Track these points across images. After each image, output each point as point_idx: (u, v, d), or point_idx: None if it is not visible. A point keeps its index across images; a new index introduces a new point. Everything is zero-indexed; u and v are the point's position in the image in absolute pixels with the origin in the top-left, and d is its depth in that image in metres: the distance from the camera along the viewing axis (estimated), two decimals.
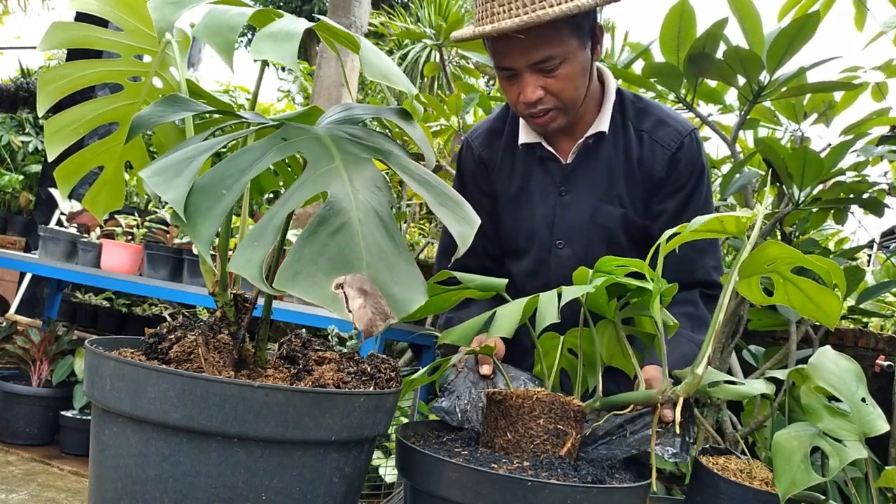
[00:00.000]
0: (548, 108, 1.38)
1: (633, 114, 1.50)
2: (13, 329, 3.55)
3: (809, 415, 0.99)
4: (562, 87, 1.36)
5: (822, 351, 1.07)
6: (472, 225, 0.80)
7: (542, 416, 0.92)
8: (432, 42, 2.90)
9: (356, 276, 0.66)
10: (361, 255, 0.68)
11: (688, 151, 1.47)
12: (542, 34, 1.29)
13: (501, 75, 1.40)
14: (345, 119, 0.90)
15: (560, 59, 1.33)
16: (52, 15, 9.74)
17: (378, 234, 0.71)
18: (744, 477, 1.05)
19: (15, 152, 6.41)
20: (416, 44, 7.92)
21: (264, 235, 0.69)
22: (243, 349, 0.89)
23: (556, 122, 1.41)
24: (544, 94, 1.36)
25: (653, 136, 1.48)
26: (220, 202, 0.71)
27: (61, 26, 1.06)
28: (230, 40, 0.76)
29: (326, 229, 0.69)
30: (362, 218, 0.71)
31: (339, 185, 0.74)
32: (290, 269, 0.66)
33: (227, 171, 0.74)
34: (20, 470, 2.97)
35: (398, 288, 0.68)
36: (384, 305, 0.66)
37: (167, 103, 0.84)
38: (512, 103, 1.43)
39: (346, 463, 0.84)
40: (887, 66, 2.20)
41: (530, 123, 1.45)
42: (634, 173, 1.48)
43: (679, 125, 1.49)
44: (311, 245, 0.68)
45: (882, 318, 3.13)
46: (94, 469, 0.83)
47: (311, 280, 0.65)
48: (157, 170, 0.72)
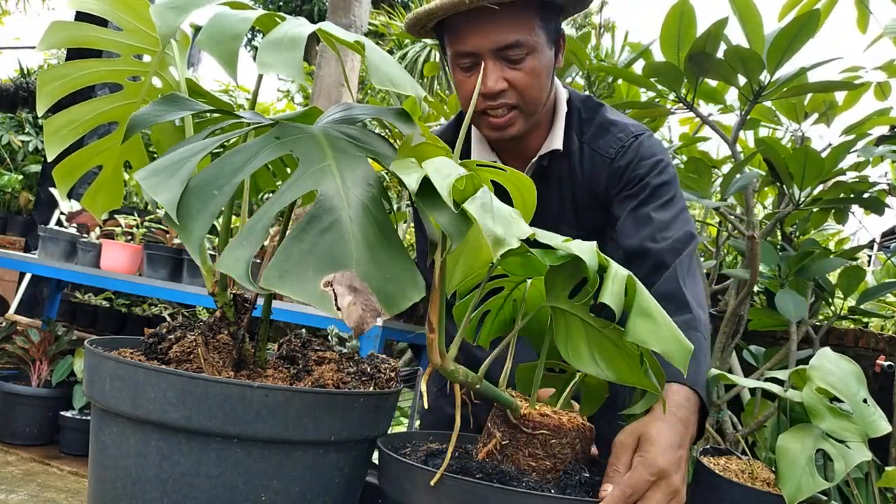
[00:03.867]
0: (509, 104, 1.27)
1: (577, 124, 1.39)
2: (13, 329, 3.55)
3: (812, 415, 0.99)
4: (527, 82, 1.26)
5: (823, 352, 1.07)
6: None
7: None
8: (432, 42, 2.90)
9: (345, 274, 0.66)
10: (351, 252, 0.68)
11: (628, 157, 1.32)
12: (512, 17, 1.22)
13: (459, 64, 1.29)
14: (343, 119, 0.90)
15: (528, 50, 1.24)
16: (52, 15, 9.74)
17: (369, 232, 0.71)
18: (745, 477, 1.05)
19: (15, 152, 6.41)
20: (415, 44, 7.93)
21: (252, 234, 0.69)
22: (243, 349, 0.89)
23: (513, 128, 1.29)
24: (507, 87, 1.26)
25: (592, 146, 1.36)
26: (211, 203, 0.71)
27: (60, 26, 1.06)
28: (233, 50, 0.75)
29: (316, 227, 0.69)
30: (353, 216, 0.71)
31: (331, 182, 0.73)
32: (278, 268, 0.66)
33: (218, 172, 0.73)
34: (20, 470, 2.97)
35: (390, 285, 0.68)
36: (374, 302, 0.66)
37: (165, 102, 0.84)
38: (466, 99, 1.31)
39: (346, 463, 0.84)
40: (889, 66, 2.20)
41: (484, 128, 1.32)
42: (582, 191, 1.37)
43: (621, 130, 1.35)
44: (301, 243, 0.67)
45: (882, 319, 3.13)
46: (93, 469, 0.83)
47: (299, 278, 0.65)
48: (152, 171, 0.72)
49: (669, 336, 0.78)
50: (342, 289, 0.65)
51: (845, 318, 2.46)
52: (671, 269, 1.20)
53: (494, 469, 0.84)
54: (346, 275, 0.66)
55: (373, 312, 0.65)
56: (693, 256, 1.24)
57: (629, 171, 1.32)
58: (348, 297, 0.65)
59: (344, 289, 0.65)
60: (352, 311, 0.64)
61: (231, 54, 0.75)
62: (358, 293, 0.65)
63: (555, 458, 0.85)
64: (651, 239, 1.25)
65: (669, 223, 1.26)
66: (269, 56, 0.74)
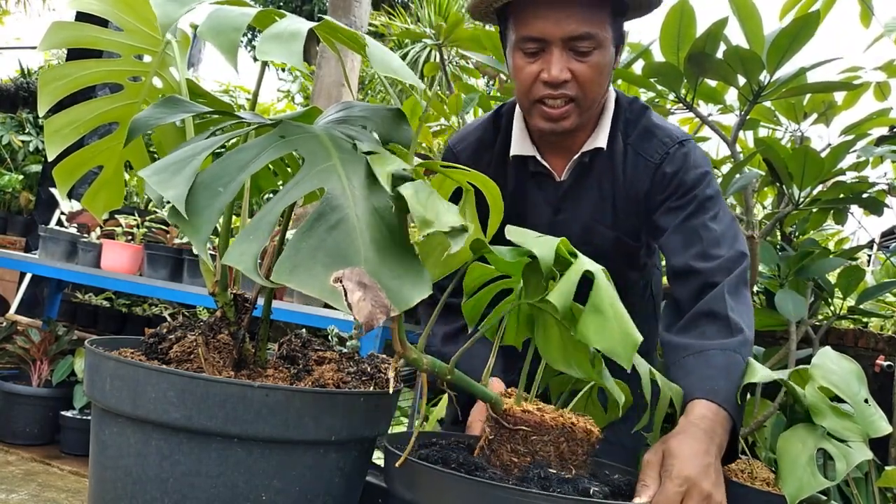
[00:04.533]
0: (569, 95, 1.25)
1: (623, 125, 1.38)
2: (13, 329, 3.55)
3: (815, 413, 0.99)
4: (590, 76, 1.24)
5: (824, 352, 1.07)
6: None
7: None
8: (432, 42, 2.90)
9: (354, 270, 0.66)
10: (359, 249, 0.68)
11: (675, 164, 1.31)
12: (586, 9, 1.21)
13: (524, 49, 1.26)
14: (342, 119, 0.90)
15: (596, 45, 1.23)
16: (53, 15, 9.74)
17: (376, 230, 0.71)
18: (745, 477, 1.05)
19: (15, 152, 6.40)
20: (415, 44, 7.93)
21: (259, 230, 0.70)
22: (243, 349, 0.89)
23: (567, 121, 1.28)
24: (570, 78, 1.24)
25: (637, 149, 1.35)
26: (217, 200, 0.71)
27: (61, 26, 1.06)
28: (234, 40, 0.76)
29: (323, 225, 0.69)
30: (360, 214, 0.71)
31: (336, 181, 0.74)
32: (287, 263, 0.66)
33: (223, 170, 0.74)
34: (20, 470, 2.97)
35: (398, 282, 0.68)
36: (384, 298, 0.66)
37: (166, 105, 0.84)
38: (525, 85, 1.28)
39: (346, 463, 0.84)
40: (888, 66, 2.20)
41: (536, 117, 1.30)
42: (621, 192, 1.36)
43: (665, 135, 1.35)
44: (309, 239, 0.68)
45: (882, 319, 3.13)
46: (93, 469, 0.83)
47: (309, 273, 0.66)
48: (157, 169, 0.72)
49: (616, 333, 0.78)
50: (351, 285, 0.65)
51: (845, 317, 2.46)
52: (719, 288, 1.19)
53: (466, 460, 0.85)
54: (354, 271, 0.66)
55: (382, 308, 0.66)
56: (743, 276, 1.22)
57: (676, 178, 1.30)
58: (358, 293, 0.65)
59: (353, 285, 0.65)
60: (362, 307, 0.65)
61: (232, 44, 0.75)
62: (367, 289, 0.66)
63: (535, 455, 0.86)
64: (701, 257, 1.23)
65: (720, 240, 1.24)
66: (269, 45, 0.74)
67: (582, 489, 0.79)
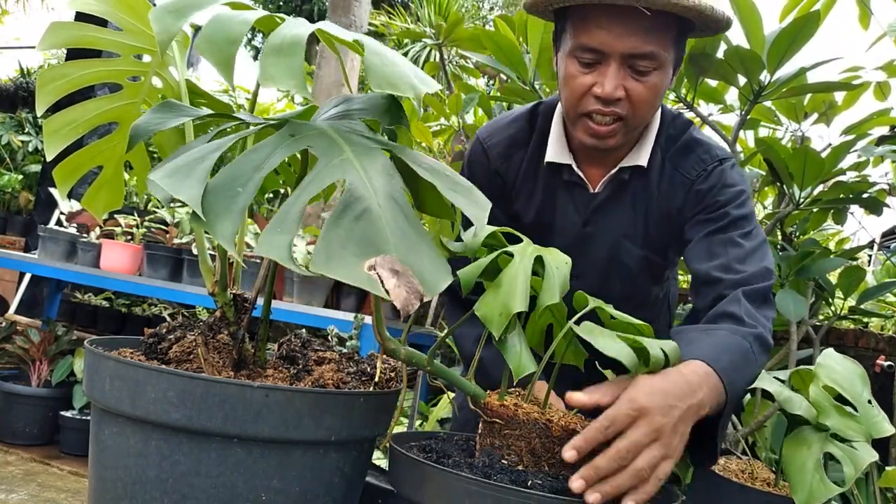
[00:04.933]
0: (619, 114, 1.19)
1: (664, 140, 1.31)
2: (13, 329, 3.55)
3: (819, 412, 0.98)
4: (644, 97, 1.18)
5: (827, 353, 1.07)
6: (484, 209, 0.81)
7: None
8: (432, 42, 2.90)
9: (386, 258, 0.68)
10: (388, 237, 0.70)
11: (710, 181, 1.26)
12: (653, 26, 1.14)
13: (580, 58, 1.19)
14: (342, 114, 0.91)
15: (657, 65, 1.17)
16: (52, 15, 9.73)
17: (399, 219, 0.73)
18: (745, 477, 1.05)
19: (15, 152, 6.40)
20: (415, 43, 7.92)
21: (286, 223, 0.71)
22: (243, 349, 0.89)
23: (613, 140, 1.22)
24: (624, 97, 1.18)
25: (674, 164, 1.30)
26: (237, 200, 0.72)
27: (60, 26, 1.06)
28: (230, 55, 0.76)
29: (350, 214, 0.71)
30: (382, 203, 0.73)
31: (354, 173, 0.75)
32: (322, 254, 0.68)
33: (239, 171, 0.75)
34: (20, 470, 2.97)
35: (425, 269, 0.70)
36: (416, 284, 0.68)
37: (164, 110, 0.85)
38: (574, 96, 1.21)
39: (346, 463, 0.84)
40: (889, 66, 2.20)
41: (580, 131, 1.23)
42: (655, 209, 1.31)
43: (705, 152, 1.29)
44: (338, 230, 0.69)
45: (882, 319, 3.13)
46: (93, 469, 0.83)
47: (343, 262, 0.67)
48: (168, 172, 0.73)
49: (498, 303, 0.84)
50: (385, 272, 0.67)
51: (845, 318, 2.46)
52: (735, 294, 1.14)
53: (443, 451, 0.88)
54: (386, 258, 0.68)
55: (416, 294, 0.67)
56: (765, 292, 1.17)
57: (710, 196, 1.26)
58: (393, 280, 0.67)
59: (387, 272, 0.67)
60: (399, 293, 0.66)
61: (228, 59, 0.76)
62: (400, 276, 0.67)
63: (509, 448, 0.87)
64: (724, 269, 1.18)
65: (746, 256, 1.20)
66: (271, 66, 0.74)
67: (520, 482, 0.80)
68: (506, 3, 12.99)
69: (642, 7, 1.10)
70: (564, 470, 0.86)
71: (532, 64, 2.22)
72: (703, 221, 1.25)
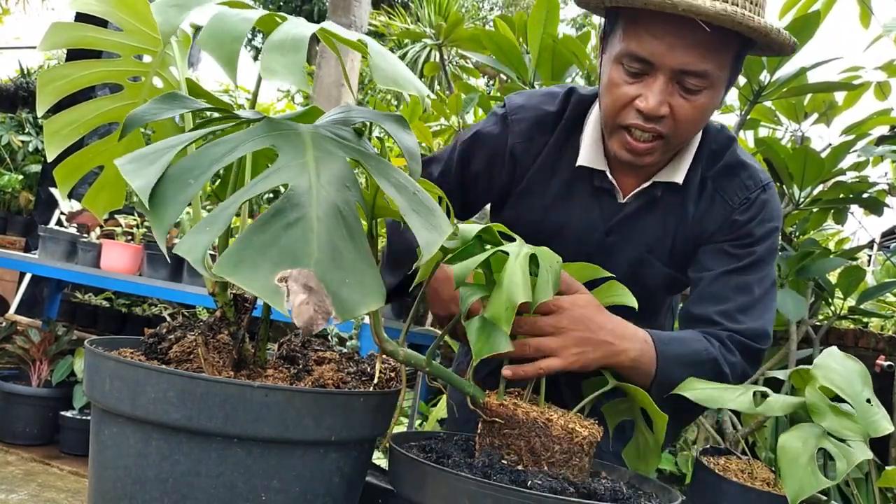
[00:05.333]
0: (660, 132, 1.10)
1: (705, 156, 1.22)
2: (13, 329, 3.55)
3: (814, 413, 0.99)
4: (690, 117, 1.09)
5: (829, 351, 1.07)
6: (442, 234, 0.77)
7: None
8: (432, 42, 2.90)
9: (302, 272, 0.65)
10: (312, 251, 0.66)
11: (751, 212, 1.19)
12: (712, 43, 1.04)
13: (626, 66, 1.09)
14: (339, 120, 0.90)
15: (708, 85, 1.08)
16: (52, 15, 9.74)
17: (336, 234, 0.70)
18: (745, 477, 1.05)
19: (15, 152, 6.41)
20: (415, 43, 7.93)
21: (216, 222, 0.69)
22: (243, 349, 0.89)
23: (650, 157, 1.14)
24: (668, 115, 1.09)
25: (716, 185, 1.21)
26: (185, 192, 0.70)
27: (61, 26, 1.06)
28: (234, 52, 0.75)
29: (280, 221, 0.68)
30: (321, 215, 0.70)
31: (304, 179, 0.72)
32: (234, 256, 0.65)
33: (197, 162, 0.73)
34: (20, 470, 2.97)
35: (347, 289, 0.67)
36: (328, 305, 0.64)
37: (163, 100, 0.84)
38: (614, 106, 1.12)
39: (346, 463, 0.84)
40: (888, 65, 2.20)
41: (616, 143, 1.15)
42: (686, 229, 1.23)
43: (749, 177, 1.21)
44: (263, 235, 0.67)
45: (882, 319, 3.13)
46: (93, 469, 0.83)
47: (254, 269, 0.64)
48: (133, 158, 0.72)
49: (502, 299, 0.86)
50: (297, 286, 0.64)
51: (845, 318, 2.47)
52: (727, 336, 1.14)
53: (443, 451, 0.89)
54: (303, 272, 0.64)
55: (324, 314, 0.64)
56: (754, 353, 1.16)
57: (746, 227, 1.20)
58: (301, 296, 0.63)
59: (298, 286, 0.64)
60: (303, 311, 0.63)
61: (232, 56, 0.75)
62: (312, 293, 0.64)
63: (508, 447, 0.87)
64: (726, 316, 1.15)
65: (751, 307, 1.16)
66: (273, 62, 0.74)
67: (520, 481, 0.80)
68: (506, 3, 12.99)
69: (702, 21, 1.00)
70: (564, 469, 0.86)
71: (532, 64, 2.22)
72: (727, 254, 1.20)
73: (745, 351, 1.15)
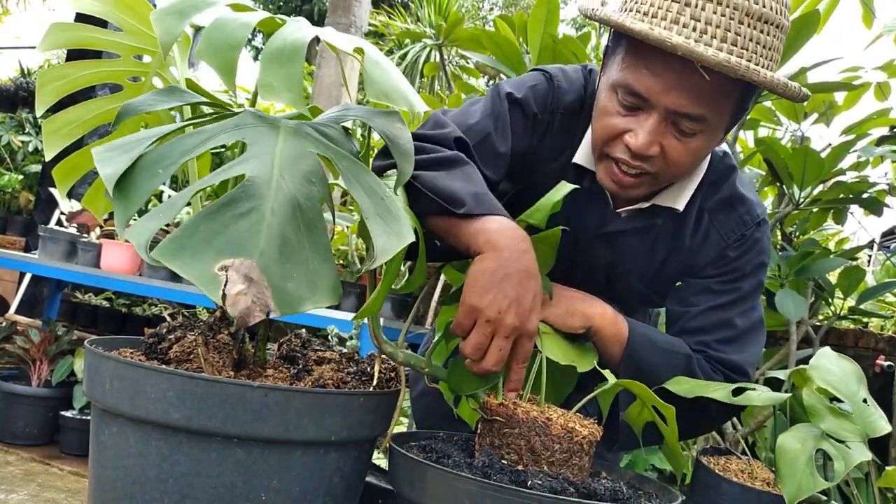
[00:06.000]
0: (648, 171, 1.05)
1: (707, 184, 1.18)
2: (13, 329, 3.55)
3: (812, 415, 0.99)
4: (681, 159, 1.04)
5: (823, 352, 1.07)
6: (401, 242, 0.76)
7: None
8: (432, 42, 2.90)
9: (245, 262, 0.64)
10: (259, 242, 0.66)
11: (743, 250, 1.17)
12: (712, 86, 0.98)
13: (620, 99, 1.04)
14: (334, 119, 0.90)
15: (705, 129, 1.02)
16: (53, 15, 9.74)
17: (290, 227, 0.69)
18: (745, 477, 1.04)
19: (15, 152, 6.40)
20: (415, 44, 7.93)
21: (167, 209, 0.69)
22: (243, 349, 0.89)
23: (636, 191, 1.09)
24: (657, 154, 1.03)
25: (713, 219, 1.18)
26: (151, 181, 0.70)
27: (61, 27, 1.06)
28: (231, 60, 0.75)
29: (232, 211, 0.67)
30: (276, 207, 0.69)
31: (265, 170, 0.72)
32: (176, 242, 0.64)
33: (169, 152, 0.73)
34: (20, 470, 2.97)
35: (293, 284, 0.66)
36: (267, 297, 0.63)
37: (161, 93, 0.84)
38: (603, 135, 1.07)
39: (346, 463, 0.84)
40: (889, 66, 2.20)
41: (602, 172, 1.11)
42: (678, 257, 1.20)
43: (747, 212, 1.17)
44: (211, 223, 0.66)
45: (882, 319, 3.13)
46: (93, 469, 0.83)
47: (195, 257, 0.63)
48: (109, 147, 0.73)
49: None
50: (236, 276, 0.63)
51: (845, 318, 2.47)
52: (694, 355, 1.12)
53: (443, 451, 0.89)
54: (245, 263, 0.64)
55: (262, 307, 0.63)
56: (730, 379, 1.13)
57: (735, 262, 1.17)
58: (239, 286, 0.62)
59: (238, 276, 0.63)
60: (238, 301, 0.62)
61: (229, 64, 0.75)
62: (252, 284, 0.63)
63: (508, 447, 0.87)
64: (706, 346, 1.14)
65: (733, 340, 1.15)
66: (270, 75, 0.74)
67: (520, 481, 0.80)
68: (506, 4, 12.99)
69: (701, 69, 0.94)
70: (564, 469, 0.86)
71: (532, 64, 2.22)
72: (712, 291, 1.17)
73: (725, 378, 1.13)
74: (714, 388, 1.02)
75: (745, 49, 0.97)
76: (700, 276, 1.19)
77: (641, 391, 0.96)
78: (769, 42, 0.99)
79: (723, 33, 0.96)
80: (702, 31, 0.96)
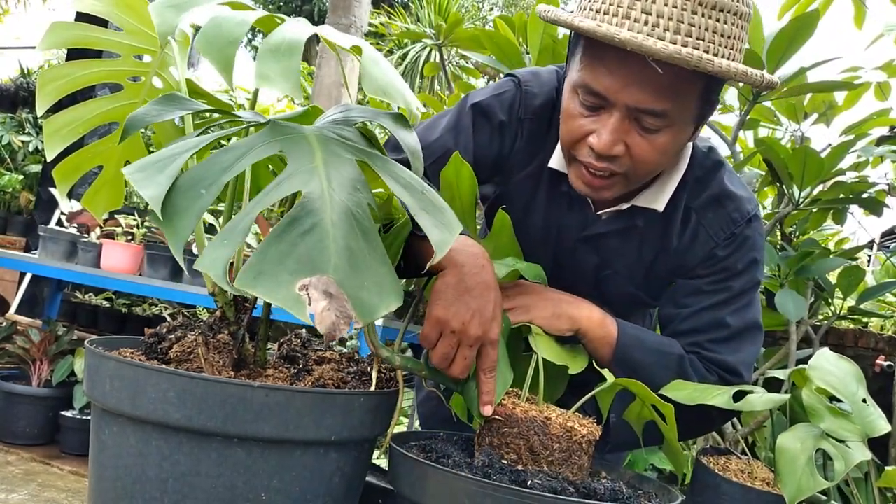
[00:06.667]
0: (616, 172, 1.03)
1: (691, 181, 1.15)
2: (13, 329, 3.55)
3: (812, 415, 0.99)
4: (648, 157, 1.02)
5: (821, 353, 1.07)
6: (454, 231, 0.77)
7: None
8: (432, 42, 2.90)
9: (321, 278, 0.65)
10: (329, 257, 0.66)
11: (733, 249, 1.14)
12: (671, 80, 0.96)
13: (581, 100, 1.03)
14: (340, 120, 0.90)
15: (669, 124, 1.00)
16: (53, 15, 9.74)
17: (351, 237, 0.70)
18: (745, 477, 1.04)
19: (15, 152, 6.40)
20: (415, 44, 7.93)
21: (234, 235, 0.69)
22: (243, 349, 0.89)
23: (607, 192, 1.08)
24: (623, 154, 1.02)
25: (701, 218, 1.15)
26: (198, 202, 0.70)
27: (61, 26, 1.06)
28: (229, 56, 0.75)
29: (297, 229, 0.68)
30: (335, 219, 0.70)
31: (316, 184, 0.72)
32: (253, 269, 0.65)
33: (207, 171, 0.73)
34: (20, 470, 2.97)
35: (366, 292, 0.67)
36: (349, 309, 0.65)
37: (163, 102, 0.84)
38: (569, 138, 1.06)
39: (346, 463, 0.84)
40: (889, 66, 2.20)
41: (573, 174, 1.09)
42: (668, 259, 1.18)
43: (736, 209, 1.15)
44: (280, 245, 0.67)
45: (882, 319, 3.13)
46: (93, 469, 0.83)
47: (274, 280, 0.64)
48: (141, 166, 0.72)
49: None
50: (317, 293, 0.64)
51: (845, 318, 2.47)
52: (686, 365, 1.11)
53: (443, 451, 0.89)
54: (322, 279, 0.65)
55: (346, 319, 0.64)
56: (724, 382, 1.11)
57: (725, 261, 1.15)
58: (323, 303, 0.64)
59: (319, 294, 0.64)
60: (325, 317, 0.63)
61: (228, 60, 0.75)
62: (333, 299, 0.64)
63: (508, 446, 0.88)
64: (695, 345, 1.13)
65: (727, 339, 1.13)
66: (267, 68, 0.73)
67: (519, 481, 0.80)
68: (506, 4, 12.98)
69: (654, 63, 0.93)
70: (564, 468, 0.86)
71: (532, 64, 2.22)
72: (703, 292, 1.15)
73: (719, 378, 1.13)
74: (714, 393, 1.01)
75: (702, 39, 0.95)
76: (691, 276, 1.17)
77: (640, 390, 0.96)
78: (727, 30, 0.97)
79: (675, 25, 0.94)
80: (654, 24, 0.94)
